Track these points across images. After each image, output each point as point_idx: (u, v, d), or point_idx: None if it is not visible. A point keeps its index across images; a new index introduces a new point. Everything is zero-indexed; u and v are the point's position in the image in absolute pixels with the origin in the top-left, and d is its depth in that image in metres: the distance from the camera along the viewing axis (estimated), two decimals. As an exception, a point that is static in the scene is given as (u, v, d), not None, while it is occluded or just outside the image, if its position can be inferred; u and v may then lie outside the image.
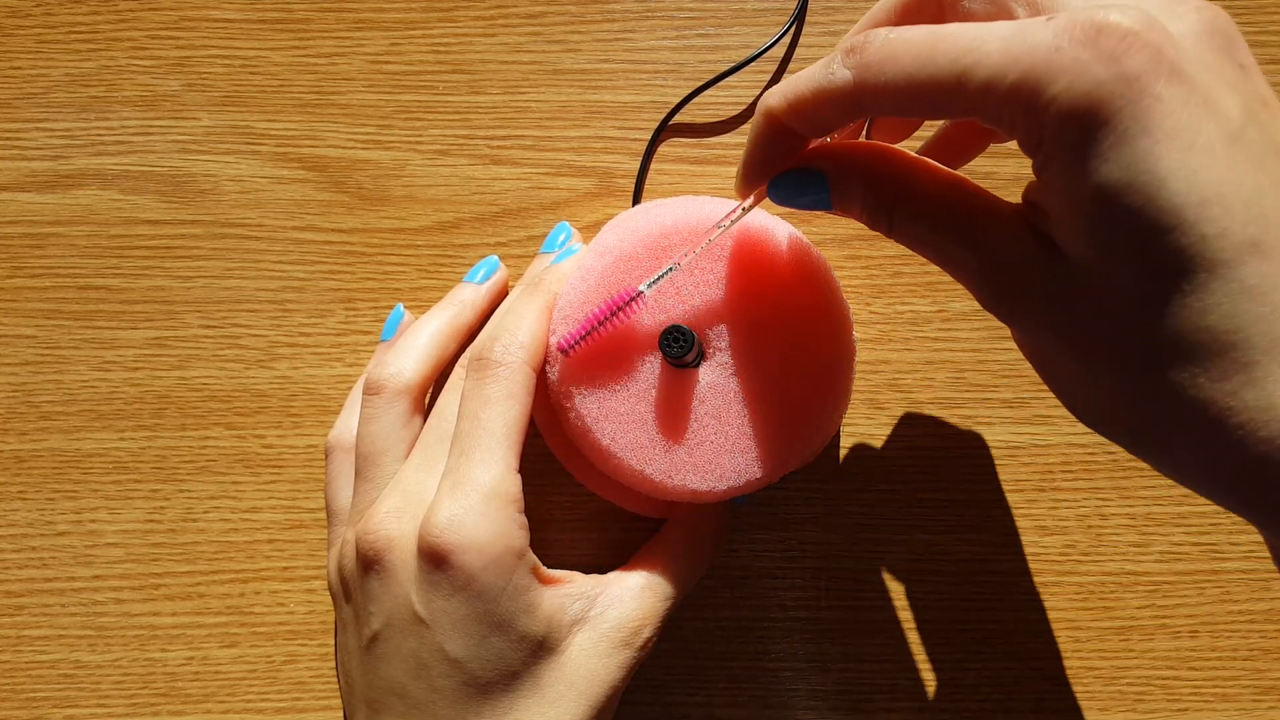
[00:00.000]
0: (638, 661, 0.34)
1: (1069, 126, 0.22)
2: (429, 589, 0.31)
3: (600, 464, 0.35)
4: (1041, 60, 0.22)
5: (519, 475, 0.32)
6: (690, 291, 0.34)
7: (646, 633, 0.34)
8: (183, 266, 0.42)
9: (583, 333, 0.32)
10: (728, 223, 0.32)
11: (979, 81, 0.23)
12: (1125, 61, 0.22)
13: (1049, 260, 0.25)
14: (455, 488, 0.31)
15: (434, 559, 0.30)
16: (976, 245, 0.26)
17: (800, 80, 0.26)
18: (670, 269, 0.32)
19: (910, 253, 0.41)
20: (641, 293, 0.32)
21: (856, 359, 0.36)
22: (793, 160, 0.29)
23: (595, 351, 0.34)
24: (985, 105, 0.23)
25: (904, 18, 0.29)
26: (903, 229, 0.28)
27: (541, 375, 0.34)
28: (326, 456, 0.37)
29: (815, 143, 0.29)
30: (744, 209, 0.31)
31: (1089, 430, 0.40)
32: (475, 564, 0.30)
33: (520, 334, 0.33)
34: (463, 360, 0.36)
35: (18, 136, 0.42)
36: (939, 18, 0.28)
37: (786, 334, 0.34)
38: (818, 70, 0.26)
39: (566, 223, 0.39)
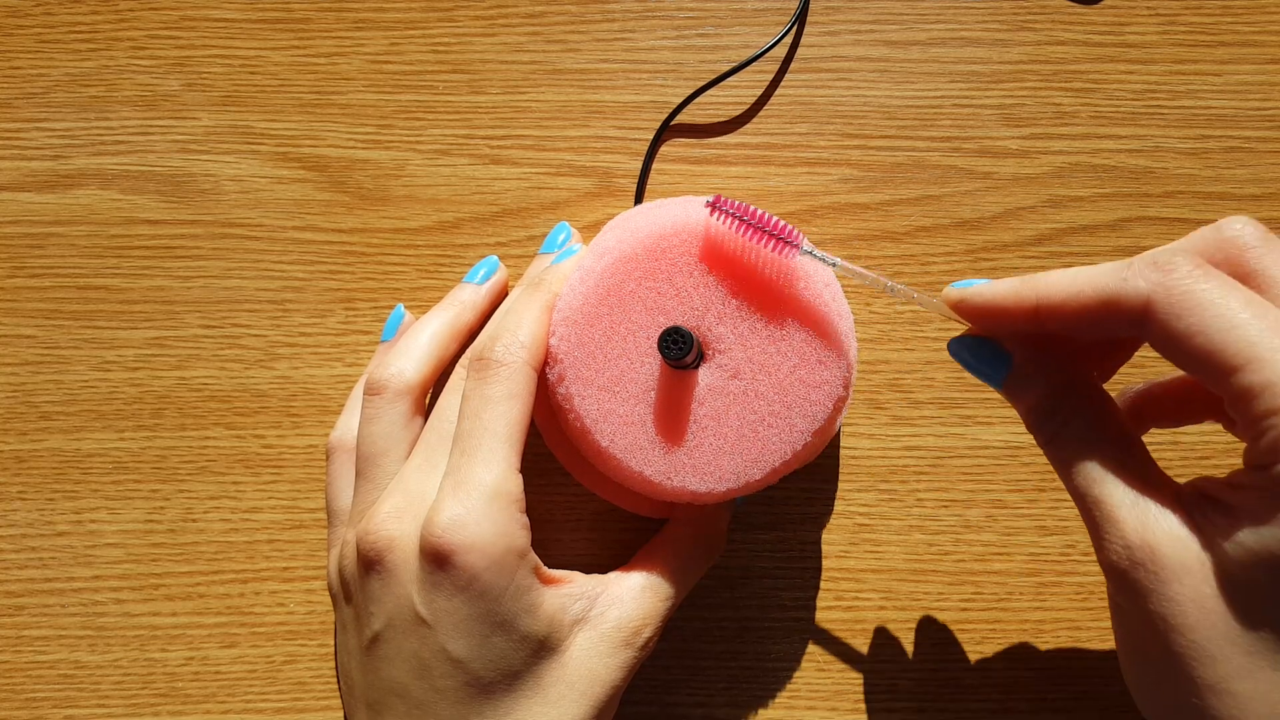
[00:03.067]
0: (638, 661, 0.34)
1: None
2: (431, 589, 0.31)
3: (600, 465, 0.35)
4: None
5: (520, 475, 0.32)
6: (690, 293, 0.34)
7: (647, 632, 0.34)
8: (183, 266, 0.42)
9: (740, 213, 0.32)
10: (913, 300, 0.32)
11: (1255, 381, 0.23)
12: None
13: (1195, 552, 0.25)
14: (457, 488, 0.31)
15: (436, 559, 0.30)
16: (1135, 499, 0.26)
17: (1084, 277, 0.26)
18: (835, 262, 0.32)
19: (911, 254, 0.41)
20: (799, 246, 0.32)
21: (857, 359, 0.36)
22: (987, 331, 0.29)
23: (595, 352, 0.34)
24: (1243, 402, 0.23)
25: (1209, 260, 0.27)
26: (1064, 444, 0.28)
27: (541, 376, 0.34)
28: (327, 457, 0.37)
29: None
30: (923, 306, 0.31)
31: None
32: (477, 564, 0.30)
33: (521, 334, 0.33)
34: (463, 360, 0.36)
35: (18, 136, 0.42)
36: (1242, 277, 0.27)
37: (786, 335, 0.34)
38: (1109, 273, 0.26)
39: (566, 223, 0.40)
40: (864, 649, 0.40)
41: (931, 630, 0.40)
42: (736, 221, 0.32)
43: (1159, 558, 0.25)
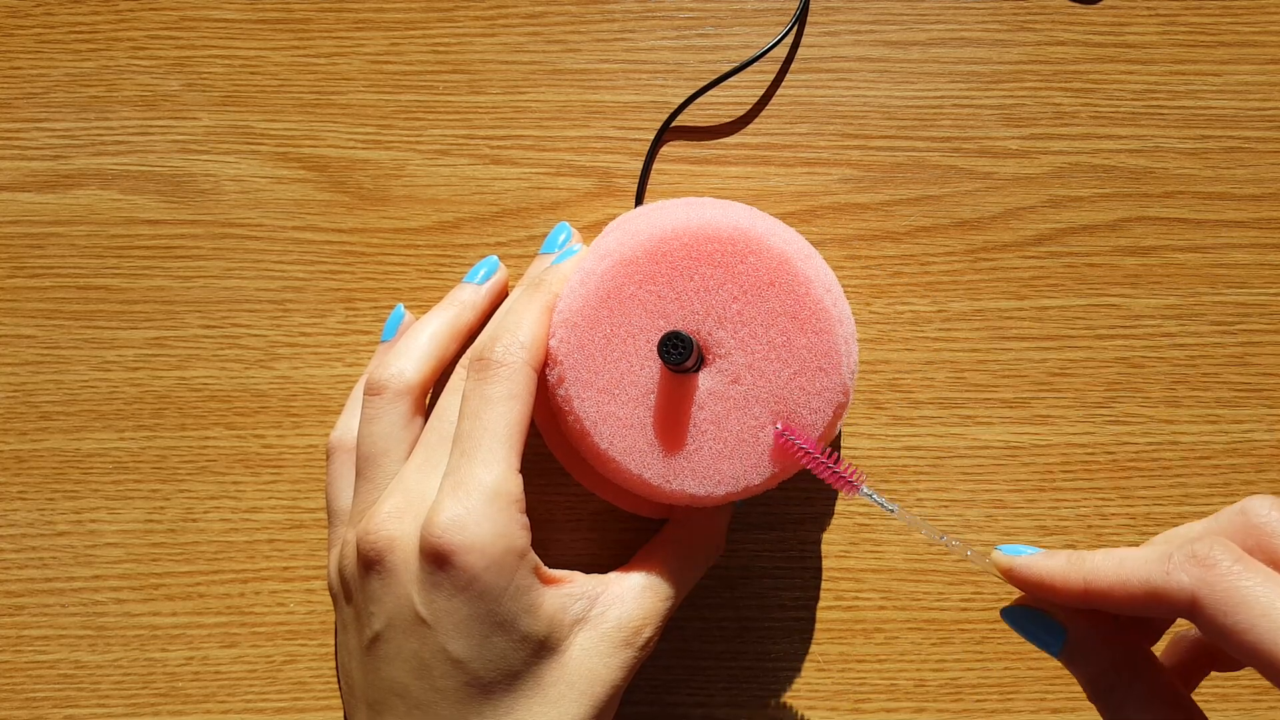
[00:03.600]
0: (638, 661, 0.34)
1: None
2: (431, 589, 0.31)
3: (599, 467, 0.35)
4: None
5: (520, 475, 0.32)
6: (691, 297, 0.34)
7: (647, 632, 0.34)
8: (183, 266, 0.42)
9: (806, 447, 0.33)
10: (962, 552, 0.32)
11: None
12: None
13: None
14: (457, 488, 0.31)
15: (436, 559, 0.30)
16: None
17: (1129, 567, 0.27)
18: (893, 509, 0.33)
19: (911, 254, 0.41)
20: (859, 487, 0.33)
21: (857, 364, 0.36)
22: (1036, 601, 0.30)
23: (595, 355, 0.34)
24: None
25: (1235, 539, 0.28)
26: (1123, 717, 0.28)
27: (541, 376, 0.34)
28: (328, 457, 0.37)
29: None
30: (973, 562, 0.32)
31: (1088, 430, 0.41)
32: (477, 564, 0.30)
33: (521, 334, 0.33)
34: (463, 361, 0.36)
35: (18, 136, 0.42)
36: (1275, 563, 0.27)
37: (787, 341, 0.34)
38: (1153, 565, 0.26)
39: (566, 223, 0.39)
40: (864, 649, 0.40)
41: (931, 630, 0.40)
42: (801, 452, 0.33)
43: None
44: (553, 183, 0.41)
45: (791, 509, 0.41)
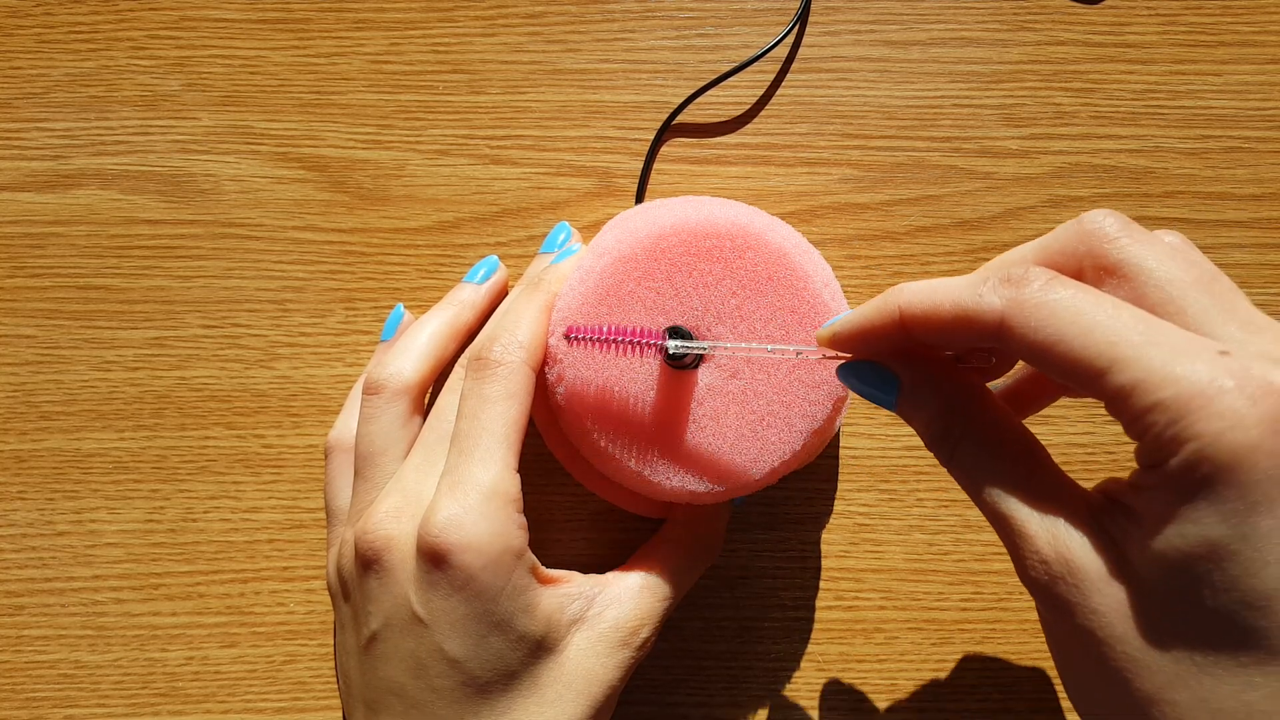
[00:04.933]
0: (636, 661, 0.34)
1: (1202, 470, 0.22)
2: (428, 589, 0.31)
3: (599, 465, 0.35)
4: (1199, 393, 0.22)
5: (518, 475, 0.32)
6: (689, 293, 0.34)
7: (645, 633, 0.34)
8: (183, 266, 0.42)
9: (593, 335, 0.32)
10: (791, 354, 0.32)
11: (1125, 381, 0.23)
12: None
13: (1112, 561, 0.24)
14: (454, 487, 0.31)
15: (433, 558, 0.30)
16: (1042, 508, 0.25)
17: (941, 291, 0.26)
18: (705, 346, 0.32)
19: (911, 254, 0.41)
20: (665, 348, 0.32)
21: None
22: (871, 354, 0.29)
23: (595, 351, 0.34)
24: (1119, 403, 0.23)
25: (1050, 262, 0.27)
26: (964, 463, 0.27)
27: (540, 375, 0.34)
28: (326, 456, 0.37)
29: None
30: (806, 355, 0.31)
31: (1089, 430, 0.40)
32: (474, 564, 0.30)
33: (519, 334, 0.33)
34: (462, 360, 0.36)
35: (18, 136, 0.42)
36: (1107, 269, 0.26)
37: (785, 335, 0.34)
38: (964, 288, 0.25)
39: (566, 223, 0.40)
40: (864, 649, 0.40)
41: (931, 630, 0.40)
42: (599, 340, 0.32)
43: (1076, 570, 0.24)
44: (553, 183, 0.41)
45: (791, 509, 0.41)
